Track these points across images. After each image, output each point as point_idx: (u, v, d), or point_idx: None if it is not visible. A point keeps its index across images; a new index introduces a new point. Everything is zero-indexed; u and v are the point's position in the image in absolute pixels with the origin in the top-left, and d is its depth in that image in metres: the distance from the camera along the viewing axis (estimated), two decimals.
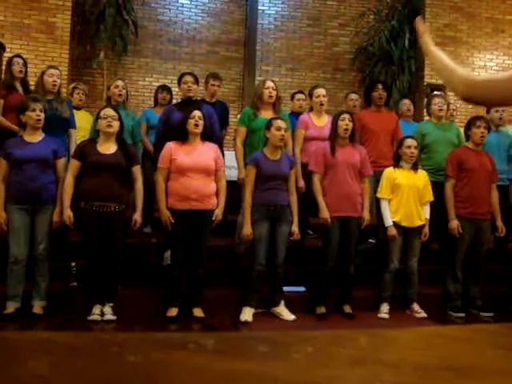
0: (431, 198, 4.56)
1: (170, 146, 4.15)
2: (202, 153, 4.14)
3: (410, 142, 4.53)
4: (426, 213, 4.54)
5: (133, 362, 0.85)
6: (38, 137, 4.07)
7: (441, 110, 5.16)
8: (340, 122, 4.36)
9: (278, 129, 4.19)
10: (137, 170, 4.12)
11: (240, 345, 0.96)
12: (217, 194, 4.17)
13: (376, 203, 4.76)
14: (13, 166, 3.98)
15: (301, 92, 5.88)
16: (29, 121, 4.02)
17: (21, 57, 4.90)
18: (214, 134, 4.62)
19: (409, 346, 1.00)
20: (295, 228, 4.28)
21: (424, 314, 4.46)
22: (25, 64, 4.84)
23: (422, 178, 4.56)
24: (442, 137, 5.09)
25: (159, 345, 0.93)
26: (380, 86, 5.17)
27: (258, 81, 7.51)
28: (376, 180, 4.76)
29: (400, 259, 4.52)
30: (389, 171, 4.55)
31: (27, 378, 0.78)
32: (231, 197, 4.77)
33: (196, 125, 4.12)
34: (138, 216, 4.03)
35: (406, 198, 4.46)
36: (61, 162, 4.11)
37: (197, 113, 4.15)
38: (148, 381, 0.80)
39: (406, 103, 5.99)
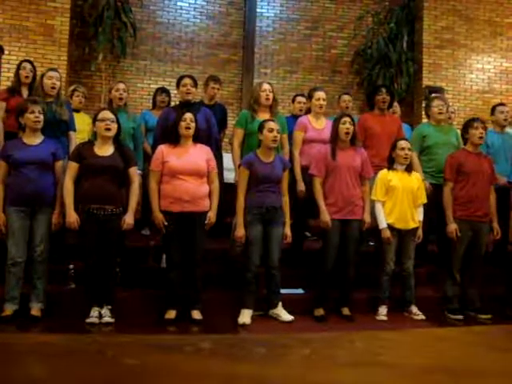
0: (425, 200, 4.57)
1: (162, 148, 4.16)
2: (194, 155, 4.14)
3: (403, 143, 4.53)
4: (419, 215, 4.55)
5: (130, 365, 0.85)
6: (38, 139, 4.07)
7: (441, 112, 5.16)
8: (341, 126, 4.36)
9: (270, 130, 4.19)
10: (133, 172, 4.11)
11: (237, 347, 0.96)
12: (209, 195, 4.17)
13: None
14: (12, 169, 3.98)
15: (302, 95, 5.89)
16: (27, 122, 4.02)
17: (29, 61, 4.98)
18: (212, 136, 4.62)
19: (406, 347, 1.00)
20: (287, 230, 4.28)
21: (422, 317, 4.46)
22: (33, 69, 4.94)
23: (415, 180, 4.56)
24: (443, 139, 5.08)
25: (156, 348, 0.93)
26: (383, 90, 5.18)
27: (256, 83, 7.51)
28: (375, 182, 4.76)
29: (396, 261, 4.52)
30: (383, 173, 4.55)
31: (24, 380, 0.78)
32: (230, 199, 4.77)
33: (187, 128, 4.12)
34: (128, 217, 3.99)
35: (400, 200, 4.47)
36: (60, 164, 4.11)
37: (188, 115, 4.15)
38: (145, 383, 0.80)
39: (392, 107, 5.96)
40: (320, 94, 4.92)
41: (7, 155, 3.98)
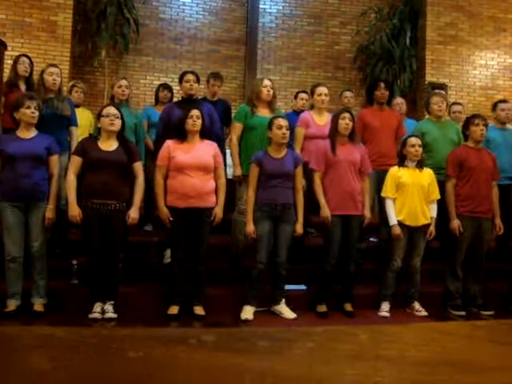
0: (438, 196, 4.55)
1: (169, 144, 4.16)
2: (201, 151, 4.14)
3: (413, 140, 4.53)
4: (432, 211, 4.53)
5: (133, 358, 0.85)
6: (32, 133, 4.05)
7: (440, 108, 5.15)
8: (340, 121, 4.36)
9: (279, 127, 4.19)
10: (137, 167, 4.11)
11: (241, 340, 0.96)
12: (216, 191, 4.17)
13: (379, 202, 4.76)
14: (5, 163, 3.96)
15: (304, 91, 5.89)
16: (23, 118, 4.01)
17: (27, 56, 4.94)
18: (213, 132, 4.62)
19: (409, 341, 1.00)
20: (299, 227, 4.27)
21: (425, 313, 4.46)
22: (31, 63, 4.89)
23: (427, 176, 4.55)
24: (442, 135, 5.08)
25: (159, 340, 0.93)
26: (382, 85, 5.15)
27: (257, 78, 7.50)
28: (378, 178, 4.76)
29: (403, 258, 4.51)
30: (393, 170, 4.55)
31: (28, 372, 0.78)
32: (232, 195, 4.78)
33: (194, 124, 4.12)
34: (132, 212, 3.99)
35: (410, 196, 4.46)
36: (54, 158, 4.09)
37: (195, 112, 4.15)
38: (148, 376, 0.80)
39: (398, 102, 5.97)
40: (321, 89, 4.92)
41: (0, 149, 3.96)
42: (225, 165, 4.95)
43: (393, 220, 4.46)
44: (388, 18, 9.10)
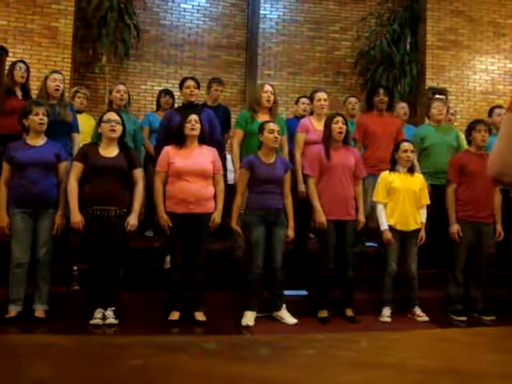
0: (427, 202, 4.57)
1: (168, 150, 4.17)
2: (200, 156, 4.15)
3: (406, 146, 4.54)
4: (422, 216, 4.54)
5: (134, 366, 0.85)
6: (41, 140, 4.08)
7: (440, 113, 5.17)
8: (334, 125, 4.37)
9: (271, 131, 4.20)
10: (138, 173, 4.13)
11: (241, 348, 0.96)
12: (215, 197, 4.17)
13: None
14: (15, 170, 3.98)
15: (305, 96, 5.90)
16: (32, 125, 4.03)
17: (24, 62, 4.91)
18: (214, 137, 4.63)
19: (410, 349, 1.00)
20: (290, 232, 4.27)
21: (426, 318, 4.45)
22: (27, 69, 4.86)
23: (418, 181, 4.56)
24: (441, 140, 5.09)
25: (160, 348, 0.93)
26: (381, 91, 5.16)
27: (258, 84, 7.51)
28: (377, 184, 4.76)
29: (399, 263, 4.51)
30: (384, 175, 4.56)
31: (28, 381, 0.78)
32: (232, 200, 4.77)
33: (192, 129, 4.13)
34: (132, 219, 4.00)
35: (401, 201, 4.47)
36: (63, 165, 4.11)
37: (193, 117, 4.16)
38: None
39: (404, 106, 5.97)
40: (320, 95, 4.92)
41: (10, 156, 3.98)
42: (225, 170, 4.97)
43: (384, 225, 4.47)
44: (388, 23, 9.12)
